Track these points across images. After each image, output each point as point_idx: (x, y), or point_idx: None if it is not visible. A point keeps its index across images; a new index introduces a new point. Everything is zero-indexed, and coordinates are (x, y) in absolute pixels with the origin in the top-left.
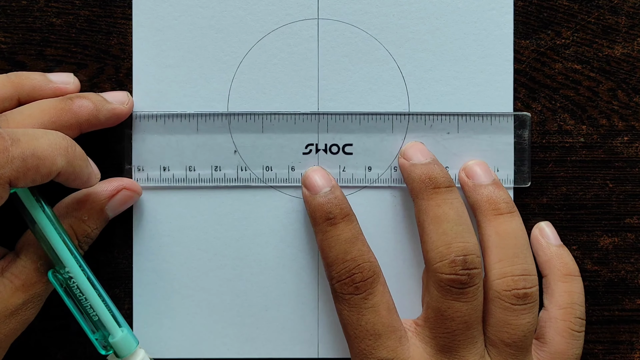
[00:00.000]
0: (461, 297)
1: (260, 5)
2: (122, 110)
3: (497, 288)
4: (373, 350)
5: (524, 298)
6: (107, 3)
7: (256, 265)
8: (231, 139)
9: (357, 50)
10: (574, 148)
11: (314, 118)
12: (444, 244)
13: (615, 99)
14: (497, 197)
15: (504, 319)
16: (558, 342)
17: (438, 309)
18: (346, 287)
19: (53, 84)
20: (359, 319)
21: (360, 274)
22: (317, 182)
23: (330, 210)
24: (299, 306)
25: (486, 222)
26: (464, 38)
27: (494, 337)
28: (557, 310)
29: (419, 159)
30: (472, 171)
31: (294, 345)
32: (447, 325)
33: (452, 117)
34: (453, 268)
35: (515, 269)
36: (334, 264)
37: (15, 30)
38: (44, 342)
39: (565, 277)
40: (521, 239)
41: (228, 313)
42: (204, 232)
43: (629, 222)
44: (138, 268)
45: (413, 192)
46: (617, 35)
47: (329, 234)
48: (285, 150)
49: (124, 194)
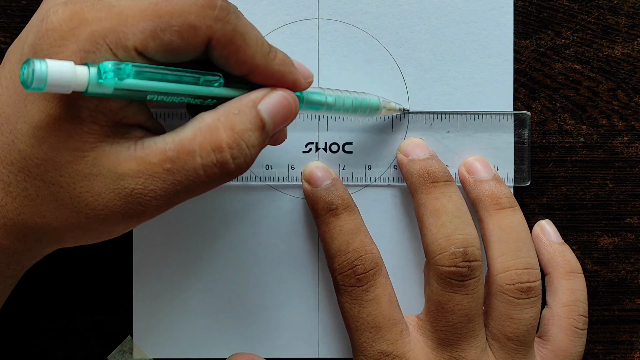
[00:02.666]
0: (462, 289)
1: (260, 5)
2: (302, 83)
3: (500, 282)
4: (373, 342)
5: (527, 292)
6: None
7: (256, 265)
8: None
9: (357, 50)
10: (574, 148)
11: (314, 117)
12: (443, 236)
13: (615, 99)
14: (499, 192)
15: (507, 313)
16: (561, 340)
17: (439, 302)
18: (348, 279)
19: None
20: (360, 311)
21: (362, 266)
22: (318, 175)
23: (332, 201)
24: (299, 306)
25: (488, 217)
26: (464, 38)
27: (497, 332)
28: (560, 307)
29: (418, 155)
30: (472, 167)
31: (294, 345)
32: (448, 318)
33: (452, 116)
34: (453, 260)
35: (518, 262)
36: (335, 256)
37: (15, 30)
38: (44, 342)
39: (568, 274)
40: (523, 233)
41: (228, 313)
42: (204, 231)
43: (629, 222)
44: (138, 268)
45: (411, 187)
46: (617, 35)
47: (331, 225)
48: (285, 149)
49: (282, 97)
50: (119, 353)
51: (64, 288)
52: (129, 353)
